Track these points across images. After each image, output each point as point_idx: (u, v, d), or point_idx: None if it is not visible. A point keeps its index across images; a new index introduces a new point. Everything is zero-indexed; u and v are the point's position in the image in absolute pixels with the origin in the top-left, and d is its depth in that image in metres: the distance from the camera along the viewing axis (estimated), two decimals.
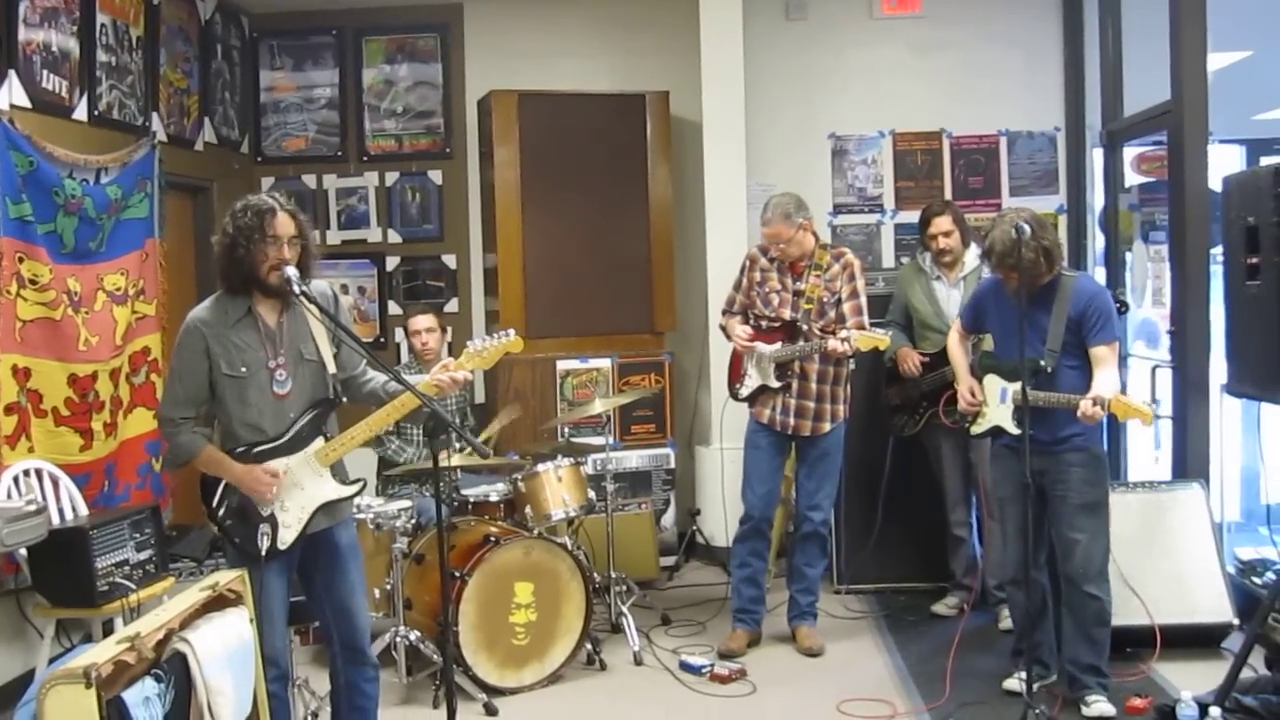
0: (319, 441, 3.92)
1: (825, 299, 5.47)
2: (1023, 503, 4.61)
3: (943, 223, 5.88)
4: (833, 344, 5.25)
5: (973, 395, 4.90)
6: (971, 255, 5.92)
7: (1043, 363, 4.65)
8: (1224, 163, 7.01)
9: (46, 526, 4.54)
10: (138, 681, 2.97)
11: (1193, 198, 5.76)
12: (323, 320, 3.91)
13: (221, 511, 3.86)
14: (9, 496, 4.76)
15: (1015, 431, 4.69)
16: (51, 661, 4.72)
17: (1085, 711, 4.67)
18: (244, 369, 3.81)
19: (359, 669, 4.10)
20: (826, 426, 5.52)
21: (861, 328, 5.36)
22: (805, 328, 5.45)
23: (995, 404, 4.82)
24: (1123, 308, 6.02)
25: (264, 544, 3.81)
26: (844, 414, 5.58)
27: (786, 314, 5.51)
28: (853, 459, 6.20)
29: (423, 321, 6.23)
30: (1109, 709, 4.65)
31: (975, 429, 4.96)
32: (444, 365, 3.96)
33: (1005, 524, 4.91)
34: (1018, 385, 4.63)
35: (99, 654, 2.87)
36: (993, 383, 4.85)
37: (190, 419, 3.85)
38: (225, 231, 3.81)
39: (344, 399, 4.07)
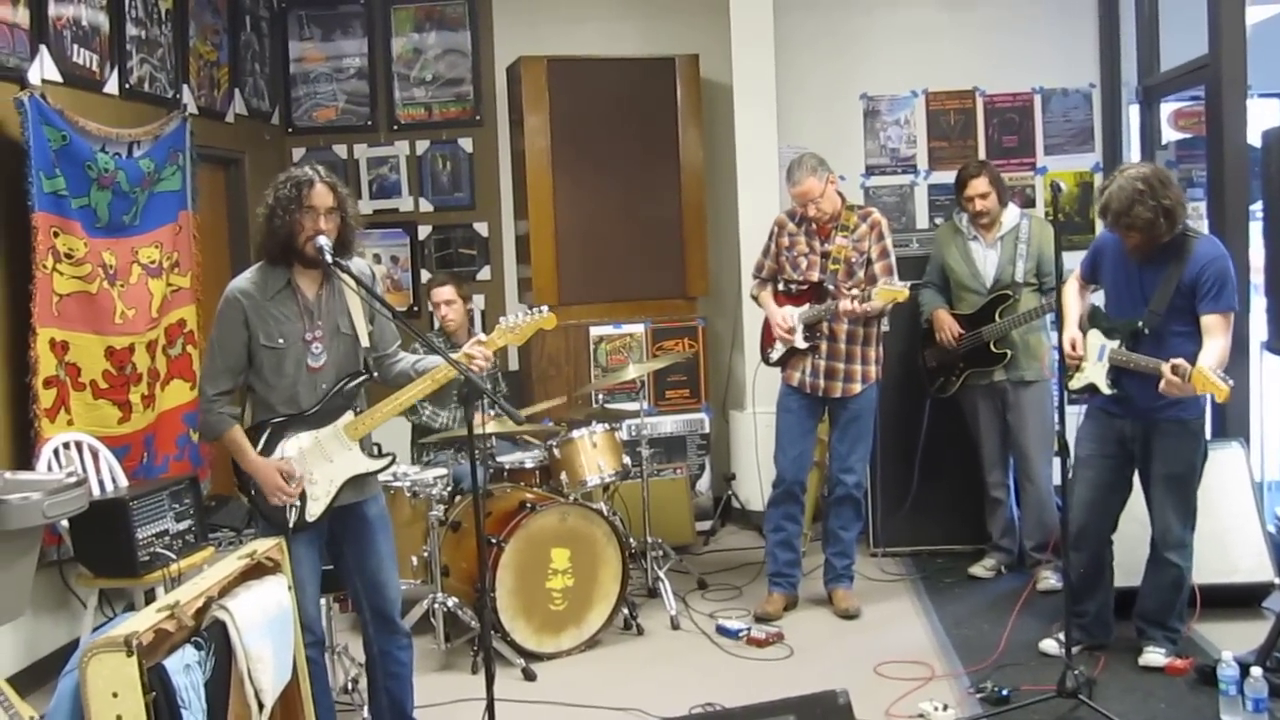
0: (349, 415, 3.96)
1: (853, 259, 5.44)
2: (1093, 467, 4.66)
3: (979, 184, 5.81)
4: (844, 304, 5.24)
5: (1073, 348, 4.72)
6: (1010, 215, 5.86)
7: (1141, 324, 4.54)
8: (1263, 117, 6.88)
9: (87, 498, 4.53)
10: (178, 649, 2.99)
11: (1231, 153, 5.67)
12: (359, 292, 3.94)
13: (252, 482, 3.89)
14: (49, 469, 4.82)
15: (1107, 392, 4.63)
16: (94, 631, 4.78)
17: (1139, 660, 4.74)
18: (281, 340, 3.85)
19: (391, 637, 4.14)
20: (857, 388, 5.50)
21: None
22: (832, 289, 5.43)
23: (1093, 360, 4.70)
24: None
25: (292, 516, 3.87)
26: (875, 375, 5.55)
27: (815, 276, 5.49)
28: (889, 421, 6.20)
29: (443, 293, 6.15)
30: (1156, 660, 4.70)
31: (1073, 384, 4.80)
32: (477, 340, 3.98)
33: (1078, 486, 4.79)
34: (1115, 343, 4.58)
35: (140, 622, 2.89)
36: (1095, 338, 4.72)
37: (226, 394, 3.88)
38: (266, 202, 3.85)
39: (375, 375, 4.11)
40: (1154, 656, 4.72)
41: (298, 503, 3.87)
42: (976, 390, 5.94)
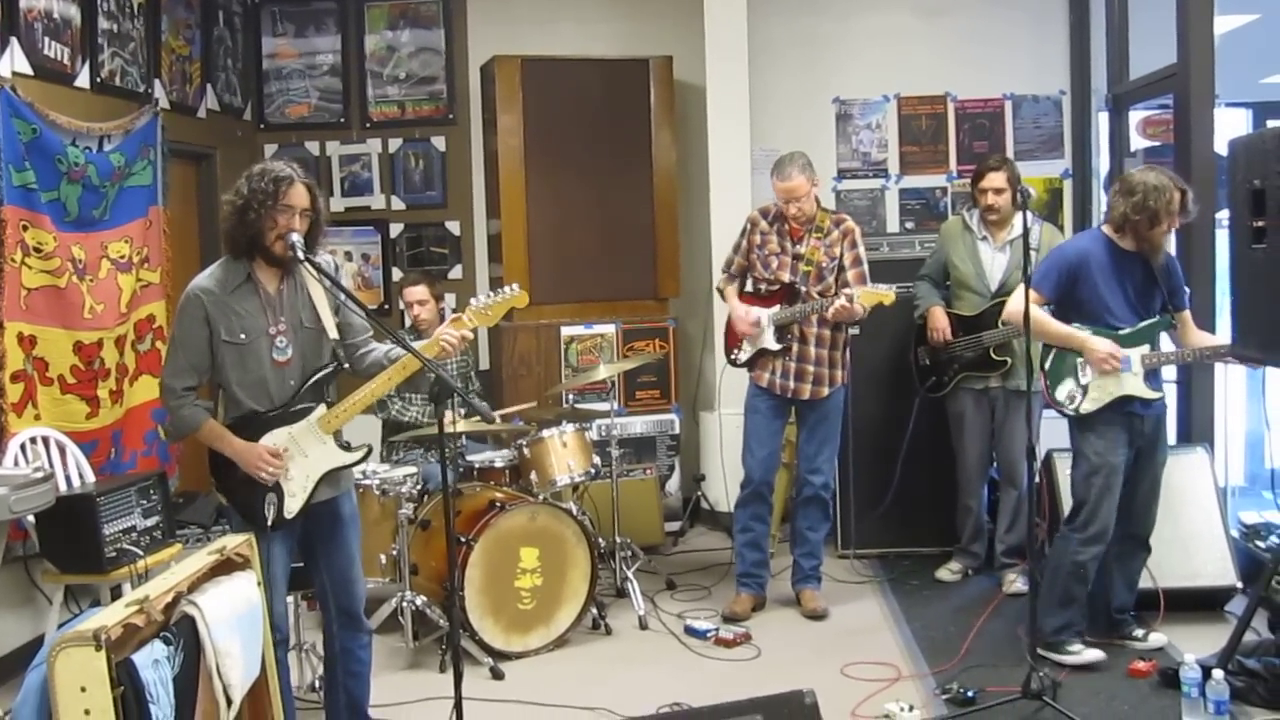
0: (321, 409, 3.92)
1: (824, 263, 5.46)
2: (1120, 474, 4.70)
3: (996, 179, 5.71)
4: (841, 303, 5.18)
5: (1115, 356, 4.62)
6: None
7: (1171, 322, 4.76)
8: (1230, 126, 6.97)
9: (54, 493, 4.56)
10: (147, 644, 2.98)
11: (1199, 161, 5.72)
12: (326, 285, 3.90)
13: (229, 482, 3.86)
14: (16, 464, 4.78)
15: (1153, 396, 4.70)
16: (60, 627, 4.75)
17: (1143, 646, 4.93)
18: (243, 336, 3.80)
19: (354, 635, 4.13)
20: (825, 390, 5.52)
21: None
22: (803, 290, 5.45)
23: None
24: None
25: (270, 513, 3.82)
26: (843, 379, 5.58)
27: (785, 277, 5.51)
28: (866, 421, 6.22)
29: (415, 293, 6.13)
30: (1160, 640, 4.93)
31: (1089, 405, 4.68)
32: (453, 319, 3.96)
33: (1110, 494, 4.70)
34: (1143, 349, 4.68)
35: (108, 617, 2.88)
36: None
37: (193, 389, 3.84)
38: (239, 192, 3.77)
39: (346, 365, 4.07)
40: (1157, 636, 4.94)
41: (275, 499, 3.83)
42: (969, 394, 5.89)
